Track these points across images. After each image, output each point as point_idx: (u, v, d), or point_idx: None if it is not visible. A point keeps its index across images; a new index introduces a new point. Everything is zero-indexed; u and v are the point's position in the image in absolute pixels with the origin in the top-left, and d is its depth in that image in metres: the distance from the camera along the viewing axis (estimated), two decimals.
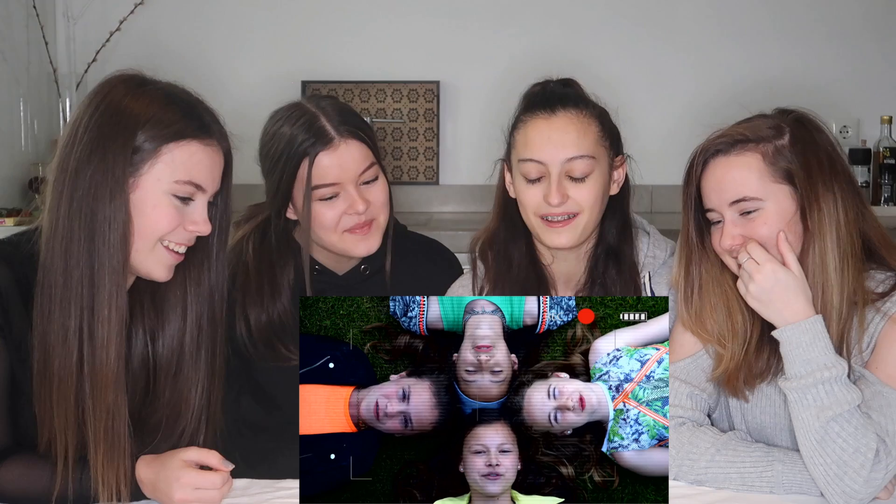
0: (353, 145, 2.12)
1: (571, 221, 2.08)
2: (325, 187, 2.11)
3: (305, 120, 2.12)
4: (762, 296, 1.82)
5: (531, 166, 2.07)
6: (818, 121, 1.93)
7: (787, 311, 1.81)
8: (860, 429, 1.75)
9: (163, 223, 1.76)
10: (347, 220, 2.13)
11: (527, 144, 2.08)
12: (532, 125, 2.09)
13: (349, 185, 2.12)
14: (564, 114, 2.08)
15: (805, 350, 1.79)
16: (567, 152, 2.06)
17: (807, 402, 1.78)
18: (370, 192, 2.15)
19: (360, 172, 2.13)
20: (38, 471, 1.75)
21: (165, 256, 1.80)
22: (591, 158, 2.07)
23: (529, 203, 2.10)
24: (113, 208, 1.72)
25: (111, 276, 1.73)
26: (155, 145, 1.75)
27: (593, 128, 2.09)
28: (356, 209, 2.12)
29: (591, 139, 2.08)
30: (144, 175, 1.75)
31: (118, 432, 1.74)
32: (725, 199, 1.88)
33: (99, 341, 1.73)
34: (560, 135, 2.06)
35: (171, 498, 1.72)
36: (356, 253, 2.18)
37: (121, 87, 1.78)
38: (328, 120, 2.12)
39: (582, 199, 2.07)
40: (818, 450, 1.76)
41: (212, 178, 1.81)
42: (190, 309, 1.87)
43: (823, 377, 1.77)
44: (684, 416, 1.94)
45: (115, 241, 1.72)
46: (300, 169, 2.11)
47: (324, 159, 2.10)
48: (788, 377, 1.81)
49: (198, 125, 1.79)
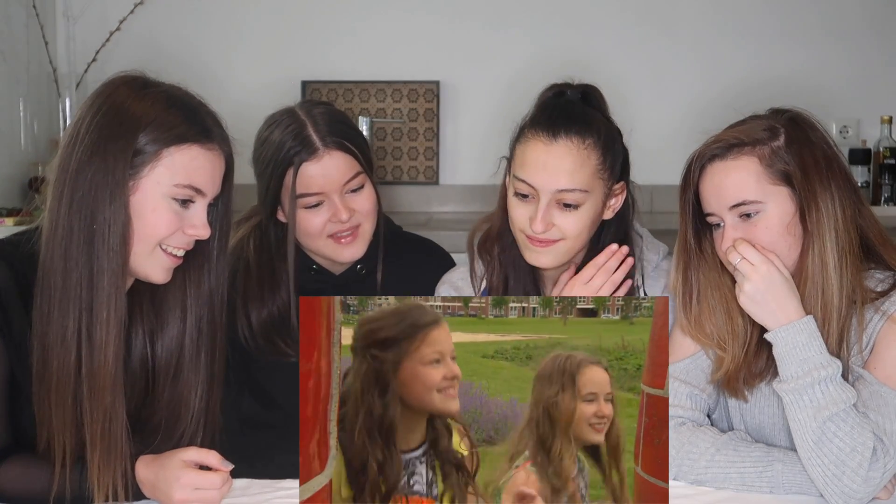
0: (336, 156, 2.15)
1: (553, 245, 2.07)
2: (309, 196, 2.15)
3: (294, 128, 2.15)
4: (757, 296, 1.82)
5: (523, 186, 2.06)
6: (813, 119, 1.93)
7: (781, 312, 1.81)
8: (856, 427, 1.75)
9: (161, 227, 1.76)
10: (332, 226, 2.18)
11: (523, 164, 2.06)
12: (531, 147, 2.05)
13: (333, 195, 2.16)
14: (566, 142, 2.03)
15: (801, 350, 1.79)
16: (560, 183, 2.02)
17: (803, 403, 1.78)
18: (355, 201, 2.19)
19: (344, 182, 2.16)
20: (37, 471, 1.75)
21: (164, 259, 1.79)
22: (583, 192, 2.04)
23: (516, 219, 2.09)
24: (112, 210, 1.72)
25: (110, 278, 1.72)
26: (156, 148, 1.75)
27: (592, 160, 2.05)
28: (339, 217, 2.16)
29: (588, 172, 2.04)
30: (144, 178, 1.75)
31: (115, 434, 1.74)
32: (725, 204, 1.88)
33: (97, 343, 1.72)
34: (556, 163, 2.03)
35: (171, 498, 1.72)
36: (341, 259, 2.22)
37: (123, 89, 1.78)
38: (315, 130, 2.15)
39: (567, 228, 2.05)
40: (815, 451, 1.76)
41: (212, 182, 1.80)
42: (190, 311, 1.87)
43: (819, 377, 1.77)
44: (684, 417, 1.94)
45: (114, 243, 1.72)
46: (286, 176, 2.15)
47: (308, 169, 2.14)
48: (784, 379, 1.81)
49: (200, 129, 1.79)
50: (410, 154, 4.22)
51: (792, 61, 4.10)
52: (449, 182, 4.23)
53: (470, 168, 4.17)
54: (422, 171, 4.22)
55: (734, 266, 1.86)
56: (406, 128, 4.21)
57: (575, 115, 2.07)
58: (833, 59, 4.12)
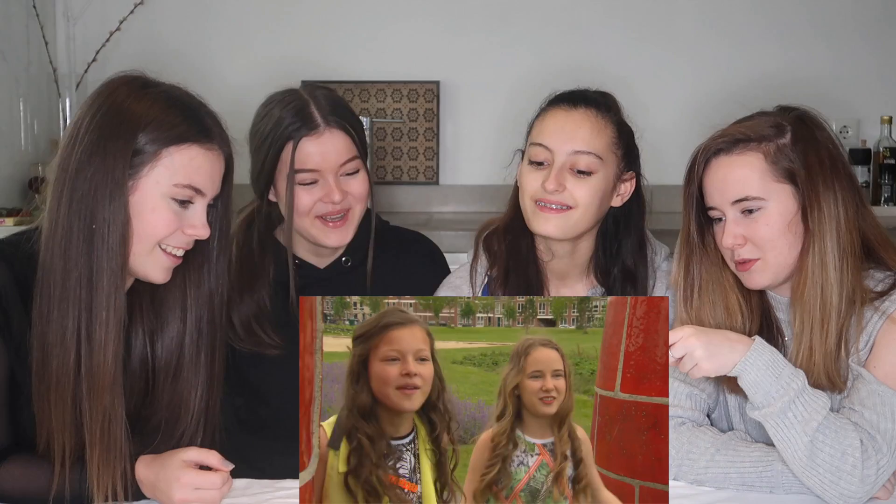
0: (337, 135, 2.15)
1: (564, 213, 2.09)
2: (304, 172, 2.14)
3: (296, 105, 2.15)
4: (709, 354, 1.77)
5: (539, 150, 2.11)
6: (820, 119, 1.93)
7: (732, 351, 1.78)
8: (841, 430, 1.75)
9: (161, 227, 1.76)
10: (322, 207, 2.16)
11: (541, 131, 2.13)
12: (551, 114, 2.14)
13: (328, 174, 2.15)
14: (585, 111, 2.12)
15: (769, 369, 1.78)
16: (575, 145, 2.09)
17: (789, 421, 1.76)
18: (349, 184, 2.18)
19: (341, 163, 2.15)
20: (37, 470, 1.75)
21: (163, 259, 1.79)
22: (597, 158, 2.09)
23: (528, 186, 2.12)
24: (112, 210, 1.72)
25: (109, 278, 1.72)
26: (155, 148, 1.75)
27: (609, 131, 2.12)
28: (332, 198, 2.14)
29: (604, 141, 2.11)
30: (144, 178, 1.75)
31: (114, 435, 1.74)
32: (727, 199, 1.88)
33: (96, 343, 1.72)
34: (573, 127, 2.10)
35: (171, 498, 1.72)
36: (326, 242, 2.20)
37: (123, 89, 1.78)
38: (318, 108, 2.15)
39: (579, 194, 2.08)
40: (810, 464, 1.75)
41: (212, 182, 1.80)
42: (190, 311, 1.87)
43: (796, 389, 1.77)
44: (684, 416, 1.94)
45: (113, 243, 1.72)
46: (284, 151, 2.13)
47: (306, 145, 2.13)
48: (762, 404, 1.78)
49: (199, 129, 1.79)
50: (410, 154, 4.22)
51: (791, 62, 4.10)
52: (449, 182, 4.23)
53: (470, 168, 4.16)
54: (422, 171, 4.22)
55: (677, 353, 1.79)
56: (406, 128, 4.21)
57: (594, 97, 2.16)
58: (833, 59, 4.12)
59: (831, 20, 4.14)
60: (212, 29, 4.20)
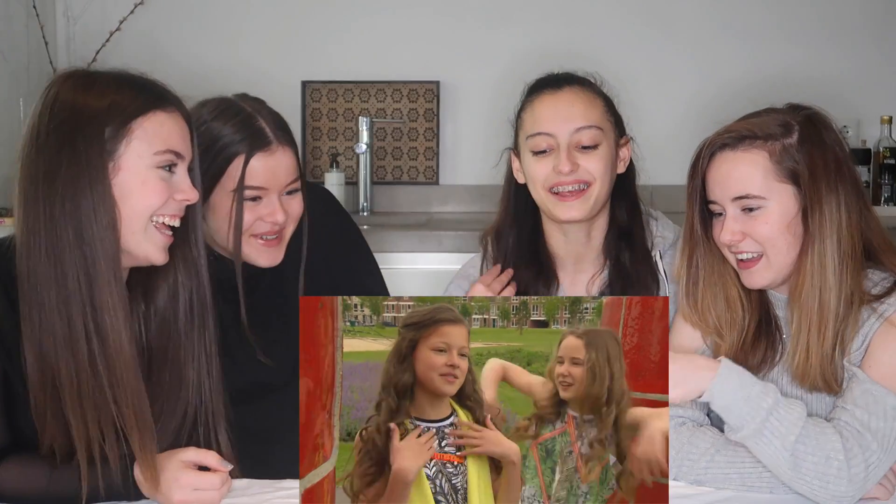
0: (287, 153, 2.06)
1: (583, 193, 2.11)
2: (250, 189, 2.04)
3: (242, 119, 2.05)
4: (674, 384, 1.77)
5: (540, 139, 2.11)
6: (829, 120, 1.92)
7: (699, 378, 1.78)
8: (821, 436, 1.75)
9: (154, 198, 1.75)
10: (261, 225, 2.07)
11: (535, 120, 2.13)
12: (539, 102, 2.14)
13: (273, 193, 2.06)
14: (570, 89, 2.14)
15: (736, 393, 1.77)
16: (575, 123, 2.10)
17: (766, 440, 1.76)
18: (290, 204, 2.09)
19: (288, 182, 2.07)
20: (35, 470, 1.75)
21: (158, 237, 1.78)
22: (598, 129, 2.11)
23: (538, 176, 2.12)
24: (95, 197, 1.70)
25: (107, 265, 1.71)
26: (124, 125, 1.73)
27: (598, 102, 2.15)
28: (275, 218, 2.06)
29: (598, 112, 2.14)
30: (124, 155, 1.73)
31: (145, 416, 1.73)
32: (728, 195, 1.88)
33: (108, 332, 1.71)
34: (567, 107, 2.11)
35: (171, 499, 1.71)
36: (258, 262, 2.10)
37: (68, 83, 1.76)
38: (266, 123, 2.06)
39: (593, 167, 2.11)
40: (795, 475, 1.75)
41: (185, 144, 1.80)
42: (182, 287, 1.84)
43: (767, 407, 1.76)
44: (684, 416, 1.94)
45: (103, 229, 1.71)
46: (231, 165, 2.03)
47: (258, 161, 2.03)
48: (738, 427, 1.78)
49: (155, 97, 1.78)
50: (410, 154, 4.22)
51: (791, 61, 4.10)
52: (449, 182, 4.23)
53: (470, 168, 4.17)
54: (422, 171, 4.22)
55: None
56: (406, 128, 4.21)
57: (572, 76, 2.19)
58: (833, 59, 4.12)
59: (831, 20, 4.14)
60: (212, 29, 4.20)
